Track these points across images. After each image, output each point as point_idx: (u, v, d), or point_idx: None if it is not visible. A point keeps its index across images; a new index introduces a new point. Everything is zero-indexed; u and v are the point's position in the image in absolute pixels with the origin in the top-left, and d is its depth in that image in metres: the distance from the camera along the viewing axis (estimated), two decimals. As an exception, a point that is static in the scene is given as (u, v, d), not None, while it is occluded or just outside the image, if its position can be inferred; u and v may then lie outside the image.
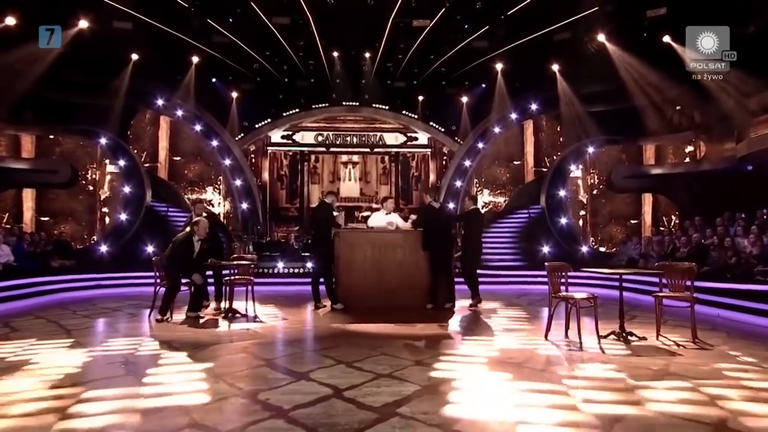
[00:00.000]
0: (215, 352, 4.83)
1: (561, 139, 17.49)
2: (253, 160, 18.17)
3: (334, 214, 7.79)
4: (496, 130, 17.05)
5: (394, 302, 7.58)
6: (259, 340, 5.59)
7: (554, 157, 17.13)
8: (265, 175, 18.24)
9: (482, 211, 8.08)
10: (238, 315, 6.98)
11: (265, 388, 3.67)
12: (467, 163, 17.37)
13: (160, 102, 15.84)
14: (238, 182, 16.37)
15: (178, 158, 17.40)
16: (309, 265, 12.20)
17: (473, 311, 7.63)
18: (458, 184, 17.06)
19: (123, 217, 13.97)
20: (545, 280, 11.27)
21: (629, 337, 5.33)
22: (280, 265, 12.13)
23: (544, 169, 17.46)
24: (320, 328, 6.32)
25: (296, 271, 12.15)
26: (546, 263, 5.70)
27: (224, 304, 7.27)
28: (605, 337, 5.30)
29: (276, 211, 18.01)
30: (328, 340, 5.50)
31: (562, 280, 5.70)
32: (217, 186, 17.47)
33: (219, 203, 17.35)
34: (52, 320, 6.77)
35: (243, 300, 7.31)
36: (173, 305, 6.72)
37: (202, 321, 6.62)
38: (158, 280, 6.97)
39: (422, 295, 7.73)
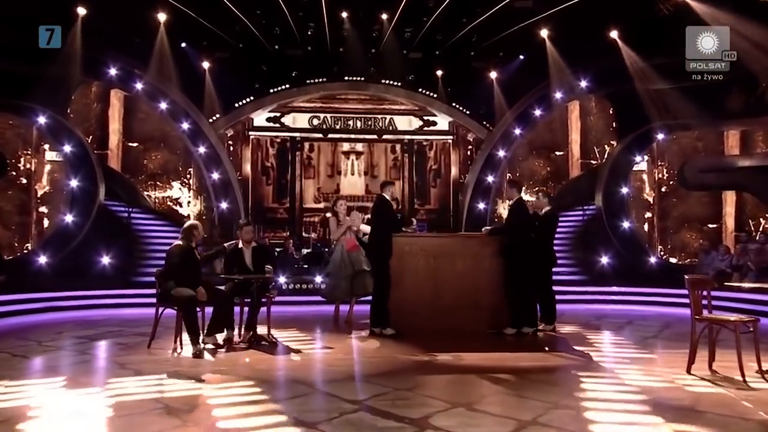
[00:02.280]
0: (278, 392, 4.51)
1: (615, 124, 17.46)
2: (231, 149, 17.73)
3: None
4: (538, 112, 16.92)
5: (453, 324, 7.59)
6: (321, 376, 5.36)
7: (605, 147, 17.07)
8: (247, 168, 17.79)
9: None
10: (264, 342, 6.70)
11: (390, 441, 3.36)
12: (501, 153, 17.16)
13: (113, 72, 15.27)
14: (214, 176, 15.88)
15: (135, 144, 16.84)
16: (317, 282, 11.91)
17: (560, 337, 7.48)
18: (490, 179, 16.87)
19: (68, 218, 13.39)
20: (620, 298, 11.66)
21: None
22: (282, 279, 11.78)
23: (593, 162, 17.39)
24: (385, 359, 6.06)
25: (300, 287, 11.91)
26: (686, 276, 5.52)
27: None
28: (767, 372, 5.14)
29: (261, 212, 17.58)
30: (409, 375, 5.28)
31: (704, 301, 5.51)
32: (185, 180, 16.96)
33: (189, 202, 16.84)
34: (18, 354, 6.30)
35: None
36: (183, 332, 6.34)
37: (223, 350, 6.28)
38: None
39: (488, 317, 7.68)
